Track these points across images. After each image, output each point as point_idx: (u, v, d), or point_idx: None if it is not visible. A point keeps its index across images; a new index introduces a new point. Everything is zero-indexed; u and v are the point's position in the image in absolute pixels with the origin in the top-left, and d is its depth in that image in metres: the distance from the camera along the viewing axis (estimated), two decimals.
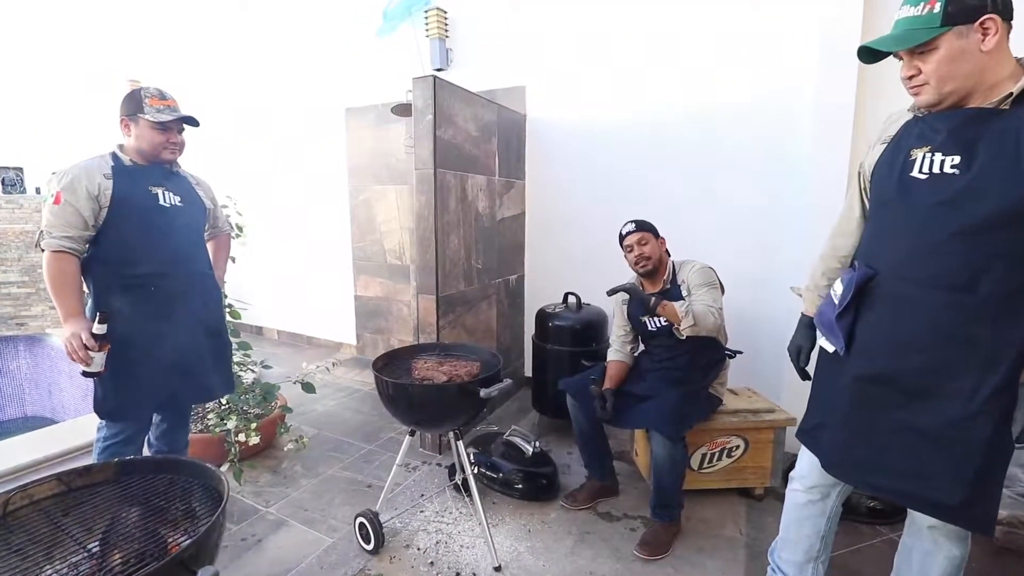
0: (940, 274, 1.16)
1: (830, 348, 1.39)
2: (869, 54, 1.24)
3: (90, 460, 1.93)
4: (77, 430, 2.58)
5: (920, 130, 1.24)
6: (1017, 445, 1.14)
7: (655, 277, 2.31)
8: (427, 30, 3.81)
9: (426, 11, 3.80)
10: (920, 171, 1.19)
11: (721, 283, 2.26)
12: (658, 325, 2.27)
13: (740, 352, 2.39)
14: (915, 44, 1.14)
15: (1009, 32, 1.13)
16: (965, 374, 1.14)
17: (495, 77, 3.72)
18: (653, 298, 2.13)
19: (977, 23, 1.09)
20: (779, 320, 2.82)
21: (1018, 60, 1.15)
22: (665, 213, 2.81)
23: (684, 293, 2.20)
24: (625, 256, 2.34)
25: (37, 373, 5.26)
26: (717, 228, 3.10)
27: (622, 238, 2.33)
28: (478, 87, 3.47)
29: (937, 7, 1.11)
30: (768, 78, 2.87)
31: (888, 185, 1.27)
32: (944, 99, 1.17)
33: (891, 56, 1.23)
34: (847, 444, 1.34)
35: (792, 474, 1.61)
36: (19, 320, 5.10)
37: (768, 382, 2.80)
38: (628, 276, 2.40)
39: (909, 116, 1.30)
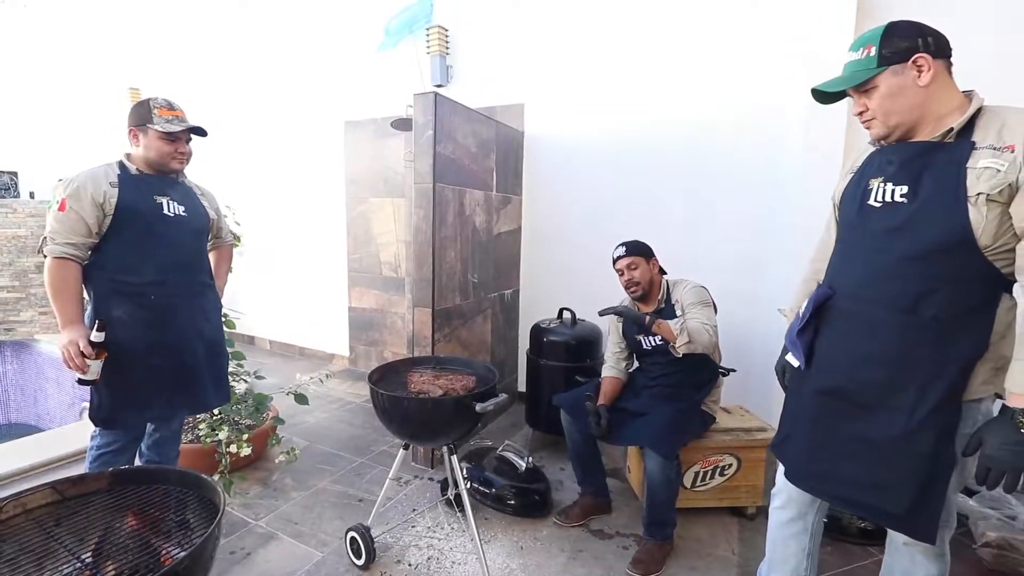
0: (889, 296, 1.25)
1: (795, 363, 1.48)
2: (822, 95, 1.35)
3: (80, 468, 1.92)
4: (67, 438, 2.55)
5: (879, 161, 1.33)
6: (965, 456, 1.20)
7: (648, 299, 2.34)
8: (428, 47, 3.87)
9: (427, 28, 3.86)
10: (875, 199, 1.29)
11: (714, 302, 2.28)
12: (653, 343, 2.29)
13: (733, 370, 2.42)
14: (856, 84, 1.26)
15: (949, 68, 1.22)
16: (908, 391, 1.22)
17: (494, 94, 3.78)
18: (648, 317, 2.16)
19: (910, 62, 1.19)
20: (771, 339, 2.85)
21: (966, 93, 1.22)
22: (659, 229, 2.85)
23: (678, 312, 2.22)
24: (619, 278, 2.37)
25: (23, 379, 5.18)
26: (710, 245, 3.15)
27: (614, 261, 2.36)
28: (477, 104, 3.52)
29: (873, 51, 1.23)
30: (761, 98, 2.95)
31: (850, 212, 1.38)
32: (892, 131, 1.26)
33: (846, 96, 1.33)
34: (807, 455, 1.43)
35: (772, 491, 1.64)
36: (7, 325, 5.04)
37: (760, 400, 2.82)
38: (623, 293, 2.43)
39: (872, 148, 1.39)
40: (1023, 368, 1.09)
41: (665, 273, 2.38)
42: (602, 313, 2.27)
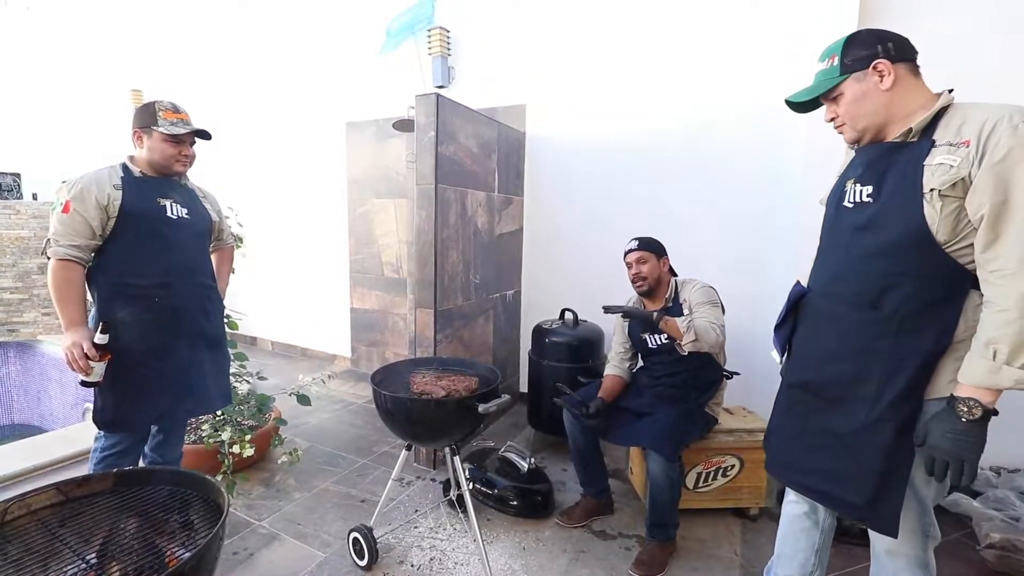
0: (853, 292, 1.30)
1: (777, 359, 1.54)
2: (796, 104, 1.40)
3: (84, 469, 1.92)
4: (70, 439, 2.56)
5: (854, 163, 1.39)
6: (918, 447, 1.22)
7: (654, 296, 2.34)
8: (429, 48, 3.87)
9: (429, 30, 3.87)
10: (848, 200, 1.34)
11: (722, 303, 2.28)
12: (658, 343, 2.28)
13: (737, 373, 2.41)
14: (822, 92, 1.33)
15: (914, 70, 1.26)
16: (870, 384, 1.26)
17: (496, 95, 3.78)
18: (655, 313, 2.15)
19: (871, 68, 1.25)
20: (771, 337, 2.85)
21: (939, 93, 1.24)
22: (661, 230, 2.83)
23: (685, 311, 2.22)
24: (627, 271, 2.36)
25: (27, 380, 5.19)
26: (712, 246, 3.14)
27: (624, 255, 2.36)
28: (479, 104, 3.53)
29: (836, 60, 1.30)
30: (763, 98, 2.94)
31: (829, 212, 1.44)
32: (862, 134, 1.31)
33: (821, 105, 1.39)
34: (781, 446, 1.50)
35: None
36: (10, 326, 5.05)
37: (763, 401, 2.79)
38: (625, 292, 2.43)
39: (853, 151, 1.44)
40: (974, 360, 1.11)
41: (676, 275, 2.38)
42: (607, 310, 2.25)
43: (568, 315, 3.12)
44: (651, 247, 2.32)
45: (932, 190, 1.14)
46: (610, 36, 3.36)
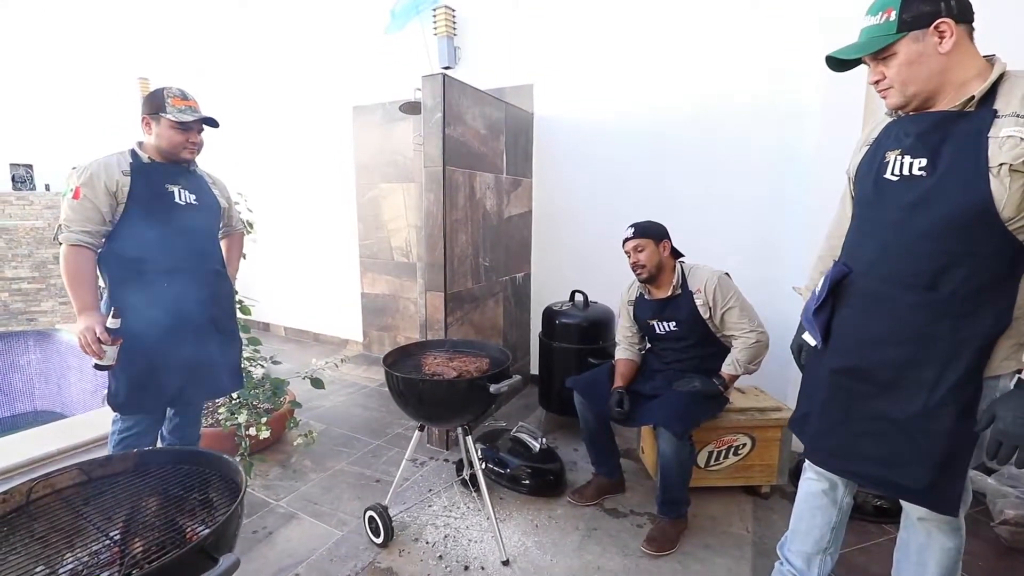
0: (907, 273, 1.22)
1: (812, 342, 1.46)
2: (837, 62, 1.30)
3: (104, 452, 1.96)
4: (90, 424, 2.62)
5: (895, 133, 1.29)
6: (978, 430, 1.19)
7: (658, 282, 2.31)
8: (435, 28, 3.83)
9: (434, 9, 3.82)
10: (892, 173, 1.25)
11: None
12: (666, 328, 2.28)
13: None
14: (875, 50, 1.20)
15: (971, 33, 1.17)
16: (928, 368, 1.20)
17: (503, 75, 3.74)
18: (718, 385, 2.17)
19: (932, 27, 1.14)
20: (785, 320, 2.81)
21: (988, 58, 1.17)
22: (671, 212, 2.81)
23: (699, 301, 2.20)
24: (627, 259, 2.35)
25: (47, 368, 5.31)
26: (723, 227, 3.11)
27: (623, 243, 2.33)
28: (486, 85, 3.49)
29: (893, 15, 1.17)
30: (775, 77, 2.88)
31: (866, 186, 1.34)
32: (910, 100, 1.22)
33: (862, 64, 1.28)
34: (825, 433, 1.43)
35: (805, 465, 1.63)
36: (29, 315, 5.15)
37: (775, 381, 2.80)
38: (633, 275, 2.41)
39: (889, 119, 1.34)
40: None
41: (681, 256, 2.35)
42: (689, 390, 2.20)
43: (578, 297, 3.12)
44: (648, 232, 2.27)
45: (1002, 164, 1.07)
46: (619, 14, 3.29)
